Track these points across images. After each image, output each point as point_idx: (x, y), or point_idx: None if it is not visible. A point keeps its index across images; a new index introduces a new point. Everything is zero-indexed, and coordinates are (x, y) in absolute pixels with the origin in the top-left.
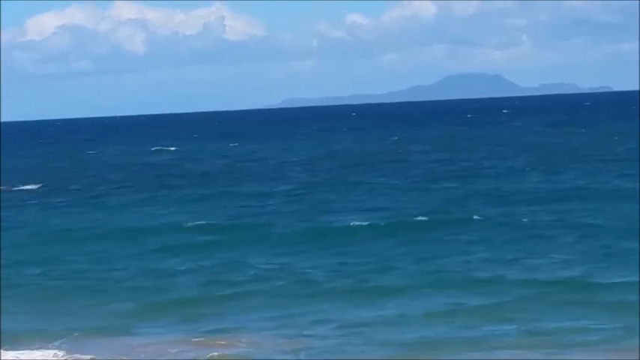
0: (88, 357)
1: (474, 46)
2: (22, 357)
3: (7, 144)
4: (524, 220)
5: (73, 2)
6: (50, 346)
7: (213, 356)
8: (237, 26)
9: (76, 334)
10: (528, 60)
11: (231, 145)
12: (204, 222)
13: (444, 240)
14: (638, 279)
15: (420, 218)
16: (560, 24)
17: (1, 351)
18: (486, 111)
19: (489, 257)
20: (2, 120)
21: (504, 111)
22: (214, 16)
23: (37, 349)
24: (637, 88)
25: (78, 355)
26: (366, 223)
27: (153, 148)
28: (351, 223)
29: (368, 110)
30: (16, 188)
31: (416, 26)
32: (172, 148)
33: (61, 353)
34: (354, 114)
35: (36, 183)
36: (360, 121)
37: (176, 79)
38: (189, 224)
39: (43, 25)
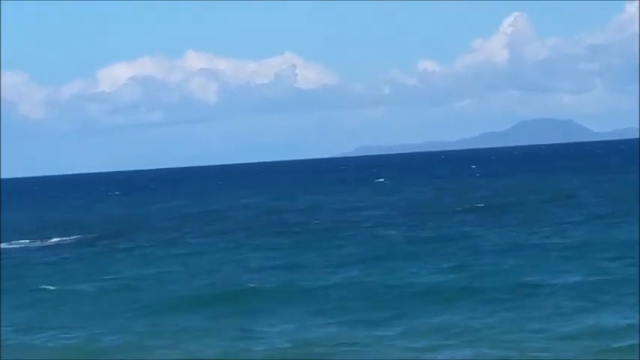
0: None
1: (546, 92)
2: None
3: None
4: None
5: (144, 53)
6: None
7: None
8: (309, 75)
9: None
10: (601, 105)
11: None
12: None
13: None
14: None
15: None
16: (633, 68)
17: None
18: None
19: None
20: (77, 172)
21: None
22: (286, 65)
23: None
24: None
25: None
26: None
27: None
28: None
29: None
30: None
31: (487, 72)
32: None
33: None
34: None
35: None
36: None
37: (248, 128)
38: None
39: (114, 76)
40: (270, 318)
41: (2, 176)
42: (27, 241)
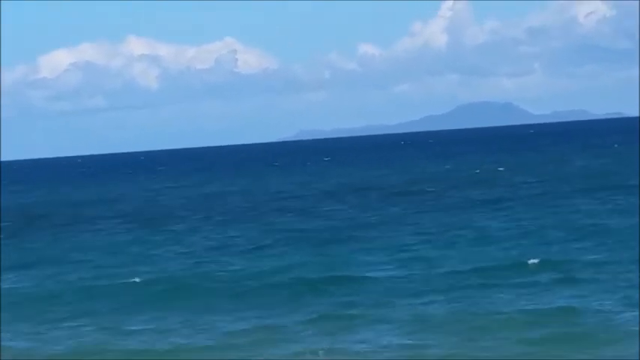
0: None
1: (486, 75)
2: None
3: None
4: None
5: (84, 39)
6: None
7: None
8: (249, 59)
9: None
10: (540, 88)
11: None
12: None
13: None
14: None
15: None
16: (572, 51)
17: None
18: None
19: None
20: (18, 158)
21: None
22: (226, 50)
23: None
24: None
25: None
26: None
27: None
28: None
29: (385, 140)
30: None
31: (427, 56)
32: None
33: None
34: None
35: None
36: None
37: (190, 113)
38: None
39: (56, 62)
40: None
41: None
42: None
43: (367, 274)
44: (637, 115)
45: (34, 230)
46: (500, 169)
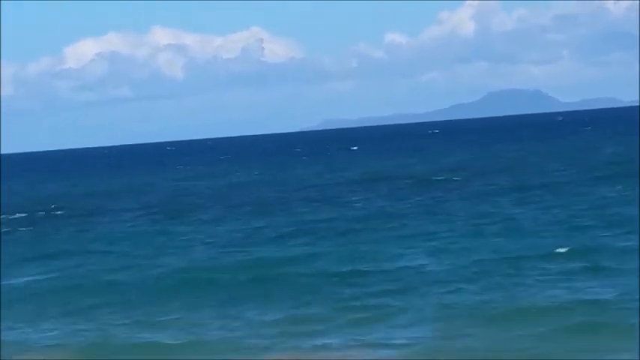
0: None
1: (514, 63)
2: None
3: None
4: None
5: (110, 29)
6: None
7: None
8: (276, 49)
9: None
10: (569, 75)
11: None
12: None
13: None
14: None
15: None
16: (600, 38)
17: None
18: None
19: None
20: (44, 149)
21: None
22: (253, 39)
23: None
24: None
25: None
26: None
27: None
28: None
29: (412, 129)
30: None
31: (455, 44)
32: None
33: None
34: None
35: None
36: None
37: (215, 103)
38: None
39: (81, 52)
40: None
41: None
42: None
43: (395, 264)
44: None
45: (57, 221)
46: (530, 156)
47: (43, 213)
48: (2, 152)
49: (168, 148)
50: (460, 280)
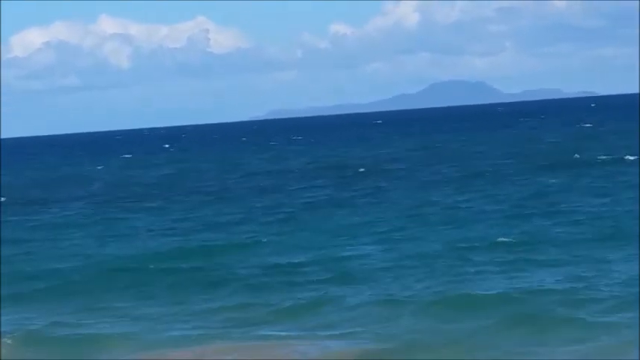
0: None
1: (457, 54)
2: None
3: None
4: None
5: (56, 18)
6: None
7: None
8: (222, 39)
9: None
10: (511, 67)
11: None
12: None
13: None
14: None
15: None
16: (543, 30)
17: None
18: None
19: None
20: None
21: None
22: (198, 29)
23: None
24: (620, 92)
25: None
26: None
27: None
28: None
29: (355, 120)
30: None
31: (399, 35)
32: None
33: None
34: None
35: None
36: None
37: (162, 92)
38: None
39: (28, 41)
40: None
41: None
42: None
43: (339, 253)
44: (609, 93)
45: None
46: (472, 146)
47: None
48: None
49: (117, 137)
50: (404, 269)
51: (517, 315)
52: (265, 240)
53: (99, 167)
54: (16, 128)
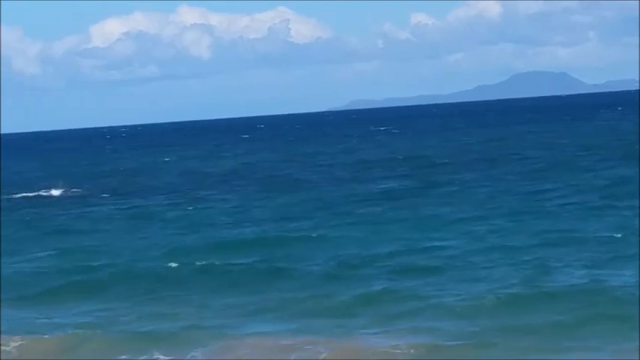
0: None
1: (540, 45)
2: None
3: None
4: None
5: (136, 8)
6: None
7: None
8: (302, 29)
9: None
10: (595, 57)
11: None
12: None
13: None
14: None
15: None
16: (627, 20)
17: None
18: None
19: None
20: (68, 127)
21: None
22: (279, 19)
23: None
24: None
25: None
26: None
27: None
28: None
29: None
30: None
31: (481, 26)
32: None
33: None
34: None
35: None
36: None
37: (241, 83)
38: None
39: (107, 31)
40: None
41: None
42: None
43: (423, 245)
44: None
45: (78, 200)
46: (560, 139)
47: (71, 191)
48: (27, 130)
49: (194, 127)
50: (486, 261)
51: (602, 311)
52: (338, 233)
53: (166, 159)
54: (95, 119)
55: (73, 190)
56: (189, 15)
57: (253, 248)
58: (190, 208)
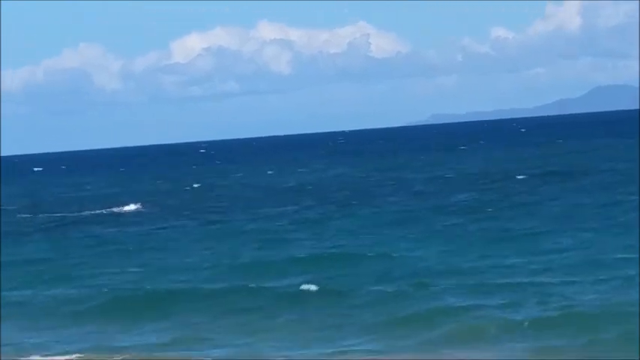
0: None
1: (621, 58)
2: None
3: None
4: None
5: (217, 24)
6: None
7: None
8: (382, 43)
9: None
10: None
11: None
12: None
13: None
14: None
15: None
16: None
17: None
18: None
19: None
20: (149, 143)
21: None
22: (359, 34)
23: None
24: None
25: None
26: None
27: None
28: None
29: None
30: None
31: (561, 39)
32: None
33: None
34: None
35: None
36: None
37: (322, 98)
38: None
39: (188, 47)
40: None
41: (79, 148)
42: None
43: (505, 262)
44: None
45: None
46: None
47: (146, 206)
48: (105, 147)
49: (271, 142)
50: (571, 276)
51: None
52: (416, 248)
53: (240, 174)
54: (175, 134)
55: (148, 205)
56: (269, 30)
57: (329, 264)
58: (268, 223)
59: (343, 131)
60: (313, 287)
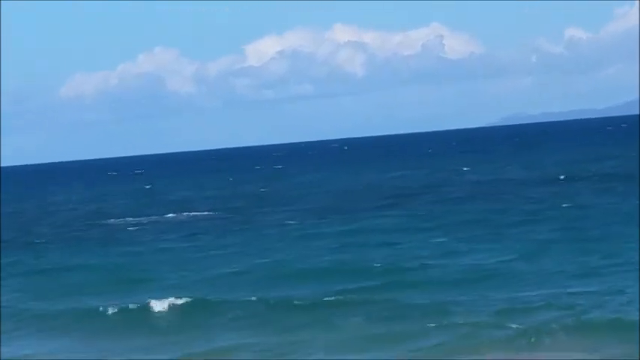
0: None
1: None
2: None
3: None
4: None
5: (292, 27)
6: None
7: None
8: (456, 45)
9: None
10: None
11: None
12: None
13: None
14: None
15: None
16: None
17: None
18: None
19: None
20: (222, 146)
21: None
22: (433, 35)
23: None
24: None
25: None
26: None
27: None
28: None
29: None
30: None
31: (635, 39)
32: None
33: None
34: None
35: None
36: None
37: (396, 100)
38: None
39: (262, 50)
40: None
41: (150, 152)
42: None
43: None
44: None
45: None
46: None
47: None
48: (179, 150)
49: (345, 147)
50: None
51: None
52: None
53: (302, 178)
54: (249, 137)
55: (216, 211)
56: (342, 33)
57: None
58: (344, 227)
59: (418, 133)
60: None
